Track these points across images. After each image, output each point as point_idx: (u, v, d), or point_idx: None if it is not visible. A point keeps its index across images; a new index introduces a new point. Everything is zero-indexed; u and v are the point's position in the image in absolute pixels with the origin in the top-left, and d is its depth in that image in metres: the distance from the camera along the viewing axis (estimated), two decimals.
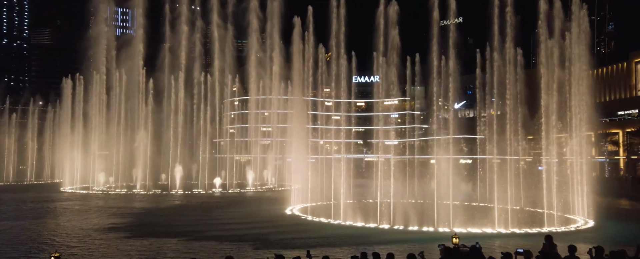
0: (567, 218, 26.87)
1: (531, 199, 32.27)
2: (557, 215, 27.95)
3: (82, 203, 35.89)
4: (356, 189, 33.78)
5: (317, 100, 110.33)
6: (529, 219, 25.63)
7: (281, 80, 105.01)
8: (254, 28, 55.62)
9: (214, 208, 34.00)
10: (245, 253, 17.59)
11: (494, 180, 37.17)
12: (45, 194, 42.16)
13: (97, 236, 21.09)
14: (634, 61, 67.00)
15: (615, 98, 69.31)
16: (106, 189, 45.82)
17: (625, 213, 32.12)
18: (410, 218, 24.49)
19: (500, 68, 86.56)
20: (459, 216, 25.40)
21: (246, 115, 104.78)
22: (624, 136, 58.92)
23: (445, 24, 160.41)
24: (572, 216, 27.16)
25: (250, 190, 49.38)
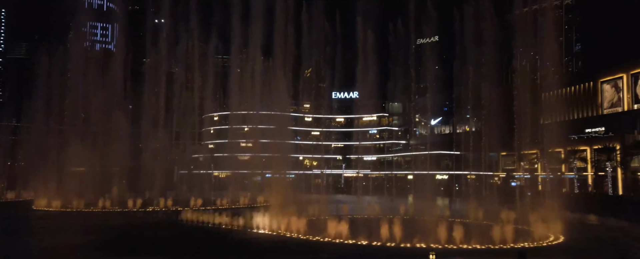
0: (539, 233, 27.78)
1: (504, 214, 33.20)
2: (529, 230, 28.90)
3: (53, 221, 35.01)
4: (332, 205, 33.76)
5: (296, 115, 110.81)
6: (503, 235, 26.43)
7: (262, 95, 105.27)
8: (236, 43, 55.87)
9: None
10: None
11: (469, 195, 38.18)
12: (17, 212, 40.75)
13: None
14: (599, 81, 70.17)
15: (582, 116, 72.22)
16: (77, 207, 44.17)
17: (595, 229, 33.37)
18: (383, 234, 24.68)
19: (475, 86, 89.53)
20: (435, 232, 26.00)
21: (226, 131, 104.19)
22: (591, 153, 61.32)
23: (421, 42, 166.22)
24: (544, 232, 28.10)
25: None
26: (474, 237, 24.03)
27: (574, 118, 73.89)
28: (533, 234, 27.60)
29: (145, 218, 36.26)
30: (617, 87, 66.98)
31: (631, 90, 64.04)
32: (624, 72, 65.20)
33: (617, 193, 55.16)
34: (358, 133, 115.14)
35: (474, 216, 35.87)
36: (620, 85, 66.20)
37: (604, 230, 31.71)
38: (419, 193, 70.48)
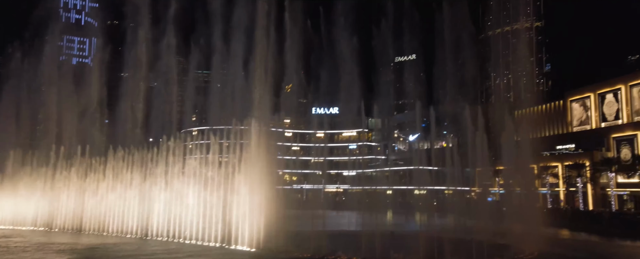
0: (512, 247, 28.58)
1: (480, 229, 33.94)
2: (502, 245, 29.68)
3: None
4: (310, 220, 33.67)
5: (277, 130, 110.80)
6: (478, 250, 27.12)
7: (243, 110, 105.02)
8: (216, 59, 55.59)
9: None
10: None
11: (447, 210, 38.95)
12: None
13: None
14: (569, 99, 73.06)
15: (554, 134, 74.79)
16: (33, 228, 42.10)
17: (567, 244, 34.51)
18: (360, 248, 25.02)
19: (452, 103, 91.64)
20: (411, 247, 26.46)
21: (206, 146, 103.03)
22: (562, 169, 63.45)
23: (400, 60, 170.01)
24: (518, 246, 28.92)
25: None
26: (452, 252, 24.58)
27: (545, 135, 76.45)
28: (506, 248, 28.35)
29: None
30: (585, 105, 69.91)
31: (598, 109, 66.93)
32: (591, 92, 68.19)
33: (588, 208, 57.09)
34: (338, 149, 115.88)
35: (451, 231, 36.52)
36: (588, 104, 69.13)
37: (576, 244, 32.85)
38: (397, 208, 71.35)
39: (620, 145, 60.63)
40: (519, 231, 32.45)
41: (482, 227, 33.89)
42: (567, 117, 72.64)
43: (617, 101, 63.91)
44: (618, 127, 62.28)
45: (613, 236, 36.33)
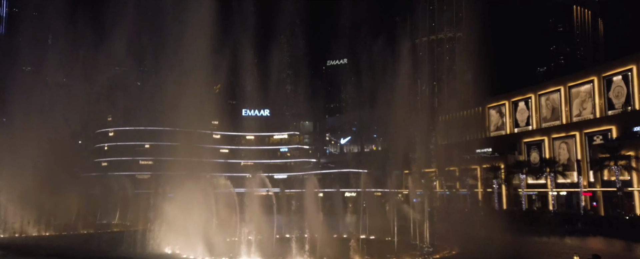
0: (434, 246, 29.22)
1: (405, 230, 34.51)
2: (425, 245, 30.34)
3: None
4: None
5: (204, 132, 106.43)
6: (407, 249, 27.37)
7: (165, 111, 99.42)
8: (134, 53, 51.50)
9: None
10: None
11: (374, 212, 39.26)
12: None
13: None
14: (487, 106, 78.05)
15: (473, 138, 79.40)
16: None
17: (484, 242, 36.05)
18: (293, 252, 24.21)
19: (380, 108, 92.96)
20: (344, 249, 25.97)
21: (123, 147, 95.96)
22: (481, 172, 67.39)
23: (331, 64, 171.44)
24: (440, 245, 29.63)
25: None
26: (377, 252, 24.48)
27: (466, 139, 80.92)
28: (431, 247, 28.95)
29: None
30: (501, 112, 75.10)
31: (512, 115, 72.20)
32: (506, 100, 73.41)
33: (502, 208, 61.04)
34: (269, 151, 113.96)
35: (379, 232, 36.87)
36: (503, 111, 74.33)
37: (494, 243, 34.42)
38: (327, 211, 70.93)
39: (531, 149, 65.73)
40: (442, 232, 33.43)
41: (406, 227, 34.45)
42: (486, 122, 77.47)
43: (528, 108, 69.32)
44: (528, 132, 67.52)
45: (525, 233, 38.73)
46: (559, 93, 64.02)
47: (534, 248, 30.80)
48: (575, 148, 58.39)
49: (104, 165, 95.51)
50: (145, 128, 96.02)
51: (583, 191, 53.26)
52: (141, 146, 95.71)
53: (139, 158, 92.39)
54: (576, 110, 61.30)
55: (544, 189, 59.95)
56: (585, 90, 60.10)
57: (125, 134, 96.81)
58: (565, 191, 58.39)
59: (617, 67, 55.90)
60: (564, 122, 62.34)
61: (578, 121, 60.12)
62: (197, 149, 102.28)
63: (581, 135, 57.86)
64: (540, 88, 69.36)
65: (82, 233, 41.23)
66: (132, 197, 49.63)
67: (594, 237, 39.52)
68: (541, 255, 26.94)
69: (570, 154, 59.25)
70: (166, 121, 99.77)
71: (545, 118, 66.26)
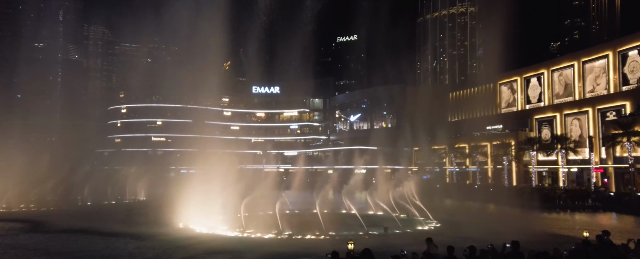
0: (448, 221, 29.68)
1: (416, 205, 35.01)
2: (439, 219, 30.82)
3: None
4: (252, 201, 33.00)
5: (214, 109, 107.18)
6: (411, 224, 27.87)
7: (176, 88, 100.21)
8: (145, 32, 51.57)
9: None
10: None
11: (385, 189, 39.75)
12: None
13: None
14: (498, 82, 77.19)
15: (484, 115, 78.92)
16: None
17: (493, 216, 36.50)
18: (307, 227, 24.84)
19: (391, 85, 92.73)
20: (350, 224, 26.53)
21: (135, 124, 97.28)
22: (491, 148, 67.35)
23: (341, 40, 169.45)
24: (451, 220, 30.10)
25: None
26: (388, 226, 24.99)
27: (477, 116, 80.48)
28: (441, 223, 29.41)
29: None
30: (512, 88, 74.27)
31: (524, 91, 71.41)
32: (518, 76, 72.47)
33: (512, 184, 61.26)
34: (279, 128, 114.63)
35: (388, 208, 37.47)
36: (515, 87, 73.49)
37: (501, 217, 34.85)
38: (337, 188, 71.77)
39: (542, 126, 65.32)
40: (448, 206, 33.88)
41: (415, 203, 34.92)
42: (497, 99, 76.81)
43: (540, 85, 68.47)
44: (540, 108, 66.92)
45: (535, 209, 39.07)
46: (572, 69, 63.06)
47: (543, 224, 31.12)
48: (587, 124, 57.91)
49: (117, 141, 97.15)
50: (157, 105, 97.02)
51: (594, 167, 53.12)
52: (153, 123, 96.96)
53: (151, 135, 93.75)
54: (590, 86, 60.48)
55: (554, 165, 59.88)
56: (600, 66, 59.12)
57: (137, 111, 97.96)
58: (576, 168, 58.30)
59: (633, 42, 54.70)
60: (577, 98, 61.64)
61: (591, 97, 59.38)
62: (208, 126, 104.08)
63: (594, 111, 57.27)
64: (553, 63, 68.30)
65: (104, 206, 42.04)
66: (147, 172, 50.68)
67: (604, 213, 39.72)
68: (551, 230, 27.26)
69: (582, 130, 58.83)
70: (177, 98, 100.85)
71: (558, 95, 65.53)
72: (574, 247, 12.89)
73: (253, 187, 30.77)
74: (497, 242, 12.66)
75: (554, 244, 14.09)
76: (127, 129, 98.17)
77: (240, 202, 27.80)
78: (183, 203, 28.82)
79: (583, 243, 13.20)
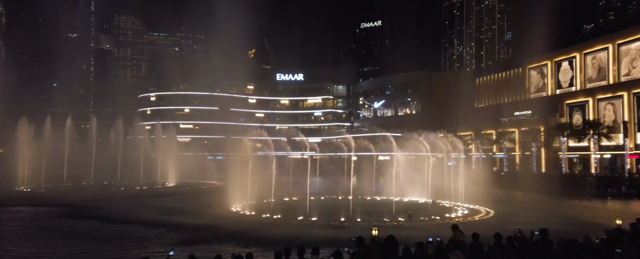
0: (472, 208, 29.47)
1: (441, 192, 34.84)
2: (463, 206, 30.61)
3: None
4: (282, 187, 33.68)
5: (240, 97, 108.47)
6: (439, 211, 27.79)
7: (203, 76, 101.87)
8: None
9: None
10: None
11: (410, 175, 39.64)
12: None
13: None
14: (527, 67, 74.97)
15: (512, 100, 77.05)
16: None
17: (521, 203, 35.97)
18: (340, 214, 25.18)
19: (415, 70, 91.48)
20: (375, 210, 26.65)
21: (164, 111, 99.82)
22: (519, 135, 65.86)
23: (365, 26, 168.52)
24: (476, 207, 29.86)
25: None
26: (414, 213, 25.01)
27: (504, 102, 78.64)
28: (467, 209, 29.22)
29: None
30: (542, 73, 72.02)
31: (554, 76, 69.16)
32: (549, 60, 70.13)
33: (541, 171, 59.91)
34: (303, 115, 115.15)
35: (414, 194, 37.42)
36: (545, 71, 71.22)
37: (529, 204, 34.27)
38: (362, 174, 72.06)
39: (573, 111, 63.31)
40: (476, 194, 33.54)
41: (442, 190, 34.75)
42: (526, 84, 74.74)
43: (572, 69, 66.15)
44: (571, 93, 64.78)
45: (566, 196, 38.23)
46: (606, 52, 60.61)
47: (574, 211, 30.48)
48: (621, 109, 55.82)
49: (147, 128, 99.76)
50: (184, 92, 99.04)
51: (629, 153, 51.34)
52: (181, 111, 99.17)
53: (179, 122, 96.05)
54: (625, 69, 58.08)
55: (586, 152, 58.18)
56: (636, 48, 56.60)
57: (166, 98, 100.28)
58: (609, 154, 56.47)
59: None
60: (611, 81, 59.35)
61: (627, 80, 57.08)
62: (233, 113, 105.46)
63: (629, 95, 55.10)
64: (586, 46, 65.78)
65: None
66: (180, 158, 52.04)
67: (638, 201, 38.51)
68: (582, 218, 26.67)
69: (616, 115, 56.76)
70: (204, 86, 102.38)
71: (591, 79, 63.24)
72: (606, 236, 12.65)
73: (280, 173, 31.31)
74: (525, 229, 12.56)
75: (584, 232, 13.86)
76: (156, 117, 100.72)
77: (269, 187, 28.46)
78: (219, 188, 29.60)
79: (615, 231, 12.91)
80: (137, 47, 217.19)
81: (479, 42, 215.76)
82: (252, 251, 9.41)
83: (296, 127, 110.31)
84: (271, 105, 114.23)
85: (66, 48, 61.27)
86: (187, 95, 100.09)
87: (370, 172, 51.29)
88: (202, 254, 13.62)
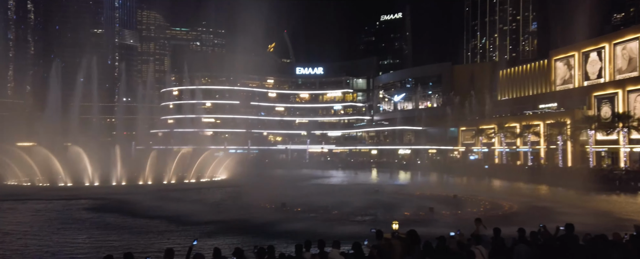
0: (496, 203, 28.98)
1: (464, 185, 34.41)
2: (487, 200, 30.12)
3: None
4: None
5: (260, 91, 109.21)
6: (461, 204, 27.43)
7: (224, 70, 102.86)
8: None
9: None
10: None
11: (431, 169, 39.29)
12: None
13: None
14: (553, 58, 72.84)
15: (537, 93, 75.10)
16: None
17: (545, 198, 35.19)
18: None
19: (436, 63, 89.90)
20: (399, 204, 26.49)
21: (186, 105, 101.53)
22: (544, 128, 64.23)
23: (385, 19, 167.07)
24: (500, 201, 29.35)
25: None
26: (435, 207, 24.77)
27: (529, 94, 76.76)
28: (490, 203, 28.75)
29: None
30: (569, 64, 69.86)
31: (582, 67, 67.00)
32: (576, 51, 67.93)
33: (567, 165, 58.39)
34: (322, 109, 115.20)
35: (437, 188, 37.07)
36: (572, 62, 69.06)
37: (553, 198, 33.51)
38: (382, 168, 71.69)
39: (601, 103, 61.27)
40: (500, 187, 32.96)
41: (465, 183, 34.33)
42: (551, 76, 72.72)
43: (601, 60, 63.92)
44: (600, 85, 62.67)
45: (594, 191, 37.20)
46: (637, 42, 58.33)
47: (602, 206, 29.62)
48: None
49: (170, 122, 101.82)
50: (205, 87, 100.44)
51: None
52: (202, 104, 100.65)
53: (201, 116, 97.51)
54: None
55: (615, 145, 56.34)
56: None
57: (188, 93, 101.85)
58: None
59: None
60: None
61: None
62: (254, 107, 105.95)
63: None
64: (616, 36, 63.41)
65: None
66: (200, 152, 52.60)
67: None
68: (611, 213, 25.89)
69: None
70: (225, 80, 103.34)
71: (621, 70, 61.02)
72: (636, 231, 12.24)
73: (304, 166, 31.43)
74: (549, 224, 12.27)
75: (613, 228, 13.47)
76: (179, 110, 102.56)
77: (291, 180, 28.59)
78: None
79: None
80: (159, 41, 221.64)
81: (503, 33, 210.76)
82: (274, 244, 9.49)
83: (316, 121, 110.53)
84: (291, 99, 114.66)
85: (92, 44, 63.19)
86: (208, 89, 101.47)
87: (390, 165, 50.97)
88: (224, 247, 13.81)
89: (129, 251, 7.87)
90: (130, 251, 7.40)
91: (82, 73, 52.23)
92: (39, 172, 42.50)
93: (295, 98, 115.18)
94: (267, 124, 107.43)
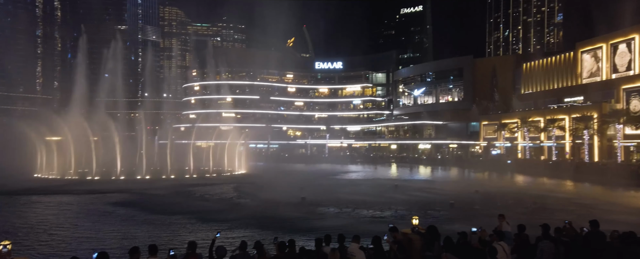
0: (517, 198, 28.49)
1: (483, 181, 33.91)
2: (508, 196, 29.63)
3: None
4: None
5: (279, 85, 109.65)
6: (481, 200, 27.05)
7: (244, 65, 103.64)
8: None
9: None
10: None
11: (452, 163, 38.84)
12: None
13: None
14: (579, 50, 70.68)
15: (562, 86, 73.10)
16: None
17: (572, 194, 34.35)
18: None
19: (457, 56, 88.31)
20: (421, 200, 26.29)
21: (207, 100, 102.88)
22: (570, 122, 62.53)
23: (406, 12, 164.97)
24: (521, 197, 28.84)
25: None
26: (455, 203, 24.52)
27: (554, 87, 74.80)
28: (511, 199, 28.27)
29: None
30: (596, 56, 67.66)
31: (610, 60, 64.78)
32: (604, 42, 65.69)
33: (593, 160, 56.79)
34: (342, 104, 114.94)
35: (456, 183, 36.66)
36: (599, 55, 66.86)
37: (579, 194, 32.68)
38: (401, 162, 71.19)
39: (630, 96, 59.20)
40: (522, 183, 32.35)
41: (485, 179, 33.81)
42: (577, 68, 70.61)
43: (630, 51, 61.66)
44: (629, 77, 60.51)
45: (621, 187, 36.14)
46: None
47: (631, 202, 28.74)
48: None
49: (191, 117, 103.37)
50: (226, 82, 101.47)
51: None
52: (223, 99, 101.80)
53: (222, 111, 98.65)
54: None
55: None
56: None
57: (209, 88, 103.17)
58: None
59: None
60: None
61: None
62: (273, 102, 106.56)
63: None
64: None
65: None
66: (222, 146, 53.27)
67: None
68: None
69: None
70: (245, 75, 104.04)
71: None
72: None
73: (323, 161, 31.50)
74: (575, 221, 12.00)
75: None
76: (200, 105, 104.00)
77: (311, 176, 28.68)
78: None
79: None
80: (181, 37, 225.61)
81: (527, 25, 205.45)
82: (294, 238, 9.57)
83: (335, 115, 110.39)
84: (310, 94, 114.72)
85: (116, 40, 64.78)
86: (228, 84, 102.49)
87: (410, 160, 50.59)
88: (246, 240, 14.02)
89: (154, 243, 8.07)
90: (136, 246, 7.61)
91: (106, 69, 53.44)
92: (67, 166, 43.79)
93: (315, 93, 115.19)
94: (287, 119, 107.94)
